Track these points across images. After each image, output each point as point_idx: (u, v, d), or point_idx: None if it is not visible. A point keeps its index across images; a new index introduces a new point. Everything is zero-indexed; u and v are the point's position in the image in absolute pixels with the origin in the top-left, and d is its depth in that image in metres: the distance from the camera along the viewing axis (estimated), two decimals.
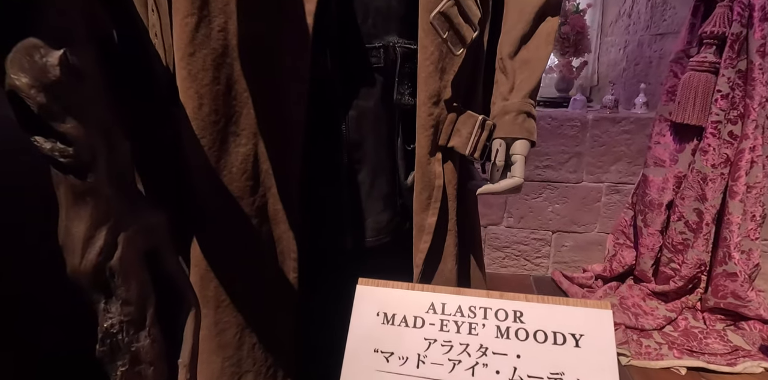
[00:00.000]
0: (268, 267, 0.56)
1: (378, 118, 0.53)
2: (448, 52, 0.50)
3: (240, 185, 0.51)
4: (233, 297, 0.56)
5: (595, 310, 0.35)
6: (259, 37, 0.46)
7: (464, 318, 0.39)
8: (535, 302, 0.38)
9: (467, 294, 0.40)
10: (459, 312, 0.39)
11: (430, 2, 0.48)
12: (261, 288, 0.56)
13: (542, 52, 0.63)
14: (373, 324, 0.39)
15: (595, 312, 0.35)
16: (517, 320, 0.38)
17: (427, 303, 0.40)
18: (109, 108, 0.29)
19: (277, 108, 0.49)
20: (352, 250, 0.58)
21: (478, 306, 0.39)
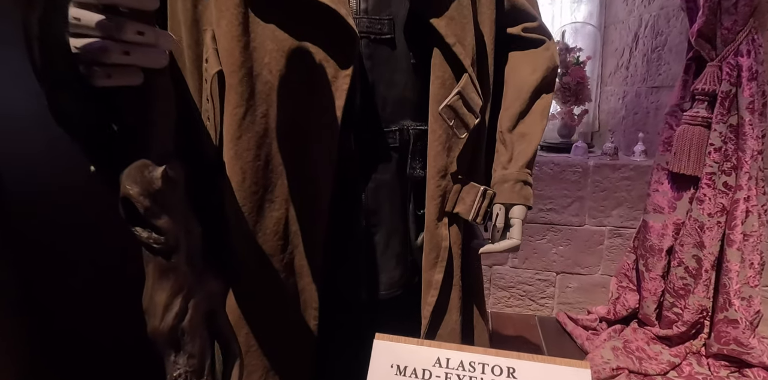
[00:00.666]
0: (292, 315, 0.63)
1: (393, 188, 0.61)
2: (453, 135, 0.59)
3: (272, 245, 0.59)
4: (261, 343, 0.63)
5: (574, 369, 0.42)
6: (295, 122, 0.56)
7: (466, 372, 0.45)
8: (526, 359, 0.45)
9: (468, 350, 0.46)
10: (461, 367, 0.46)
11: (439, 95, 0.58)
12: (285, 334, 0.63)
13: (537, 127, 0.72)
14: (387, 375, 0.46)
15: (574, 371, 0.42)
16: (510, 375, 0.44)
17: (434, 358, 0.46)
18: (188, 202, 0.38)
19: (306, 179, 0.58)
20: (367, 301, 0.65)
21: (477, 361, 0.45)
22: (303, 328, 0.63)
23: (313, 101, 0.54)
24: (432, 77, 0.58)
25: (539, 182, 1.73)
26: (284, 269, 0.60)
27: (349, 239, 0.62)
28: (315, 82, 0.53)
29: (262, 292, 0.61)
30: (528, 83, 0.72)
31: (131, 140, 0.34)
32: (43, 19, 0.27)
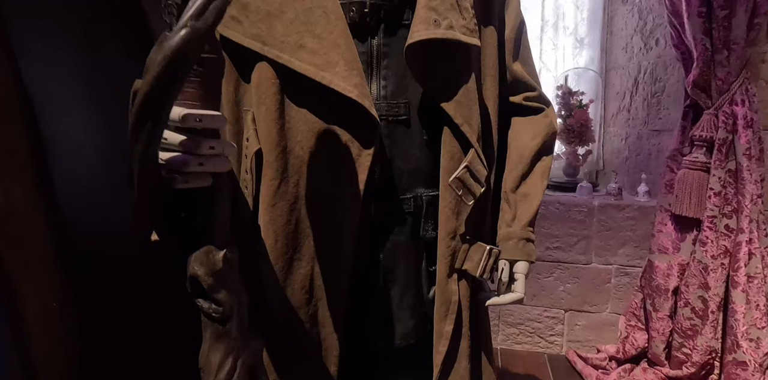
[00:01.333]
0: (315, 361, 0.69)
1: (407, 248, 0.68)
2: (461, 202, 0.67)
3: (299, 298, 0.66)
4: None
5: None
6: (322, 192, 0.64)
7: None
8: None
9: None
10: None
11: (449, 167, 0.66)
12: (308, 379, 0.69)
13: (538, 187, 0.79)
14: None
15: None
16: None
17: None
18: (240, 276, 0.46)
19: (331, 240, 0.65)
20: (384, 349, 0.71)
21: None
22: (325, 373, 0.69)
23: (339, 175, 0.62)
24: (443, 151, 0.66)
25: (546, 220, 1.78)
26: (309, 320, 0.67)
27: (368, 293, 0.69)
28: (341, 159, 0.62)
29: (288, 340, 0.67)
30: (529, 148, 0.80)
31: (199, 231, 0.42)
32: (145, 146, 0.36)
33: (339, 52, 0.58)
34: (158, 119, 0.35)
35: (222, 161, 0.42)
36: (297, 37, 0.59)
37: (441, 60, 0.63)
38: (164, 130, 0.39)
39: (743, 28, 1.43)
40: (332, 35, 0.58)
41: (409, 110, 0.66)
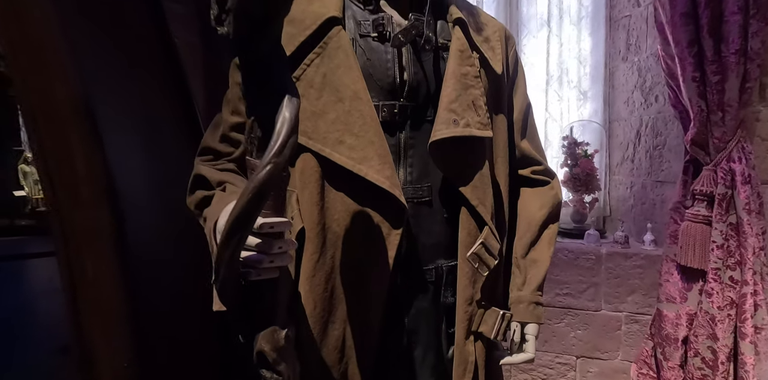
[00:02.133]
0: None
1: (429, 313, 0.77)
2: (477, 273, 0.76)
3: (333, 357, 0.74)
4: None
5: None
6: (355, 264, 0.73)
7: None
8: None
9: None
10: None
11: (466, 242, 0.75)
12: None
13: (546, 254, 0.88)
14: None
15: None
16: None
17: None
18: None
19: (361, 306, 0.74)
20: None
21: None
22: None
23: (371, 250, 0.72)
24: (460, 228, 0.76)
25: (555, 267, 1.84)
26: (341, 377, 0.75)
27: (394, 353, 0.76)
28: (373, 236, 0.72)
29: None
30: (537, 218, 0.89)
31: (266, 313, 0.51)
32: (233, 251, 0.46)
33: (373, 149, 0.69)
34: (245, 231, 0.45)
35: (287, 258, 0.52)
36: (338, 134, 0.70)
37: (459, 151, 0.74)
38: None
39: (736, 91, 1.54)
40: (368, 134, 0.70)
41: (432, 193, 0.76)
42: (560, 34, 2.35)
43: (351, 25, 0.75)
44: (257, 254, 0.50)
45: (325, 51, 0.72)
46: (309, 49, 0.72)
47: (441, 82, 0.75)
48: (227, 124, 0.80)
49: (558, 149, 2.21)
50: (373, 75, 0.73)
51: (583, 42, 2.33)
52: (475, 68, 0.76)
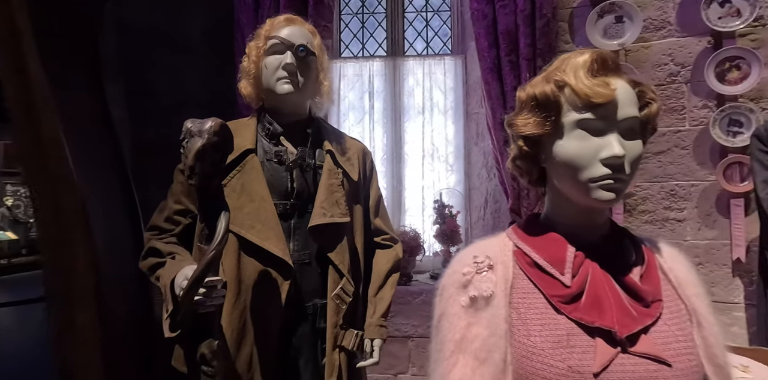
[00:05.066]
0: None
1: (309, 335, 1.19)
2: (339, 306, 1.21)
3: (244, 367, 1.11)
4: None
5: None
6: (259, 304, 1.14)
7: None
8: None
9: None
10: None
11: (332, 288, 1.20)
12: None
13: (389, 293, 1.36)
14: None
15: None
16: None
17: None
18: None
19: (263, 332, 1.14)
20: None
21: None
22: None
23: (270, 295, 1.14)
24: (329, 279, 1.21)
25: (426, 305, 2.35)
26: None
27: (287, 363, 1.17)
28: (271, 286, 1.14)
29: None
30: (384, 269, 1.38)
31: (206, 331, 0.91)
32: (192, 296, 0.86)
33: (273, 232, 1.14)
34: (200, 285, 0.87)
35: (221, 299, 0.93)
36: (250, 222, 1.14)
37: (327, 231, 1.22)
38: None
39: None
40: (270, 222, 1.15)
41: (310, 257, 1.22)
42: (432, 121, 3.05)
43: (261, 152, 1.22)
44: (203, 298, 0.90)
45: (244, 169, 1.18)
46: (233, 167, 1.17)
47: (317, 189, 1.23)
48: (171, 210, 1.20)
49: (431, 210, 2.82)
50: (274, 185, 1.19)
51: (448, 128, 3.04)
52: (339, 180, 1.26)
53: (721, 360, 0.65)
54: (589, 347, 0.62)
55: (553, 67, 0.69)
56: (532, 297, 0.67)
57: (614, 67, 0.66)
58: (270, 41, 1.18)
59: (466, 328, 0.66)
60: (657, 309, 0.65)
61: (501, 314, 0.65)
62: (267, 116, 1.24)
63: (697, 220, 2.14)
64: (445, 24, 3.06)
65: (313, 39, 1.24)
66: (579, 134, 0.64)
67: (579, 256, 0.68)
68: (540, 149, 0.70)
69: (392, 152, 2.98)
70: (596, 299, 0.64)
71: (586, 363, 0.60)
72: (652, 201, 2.22)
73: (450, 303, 0.69)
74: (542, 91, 0.66)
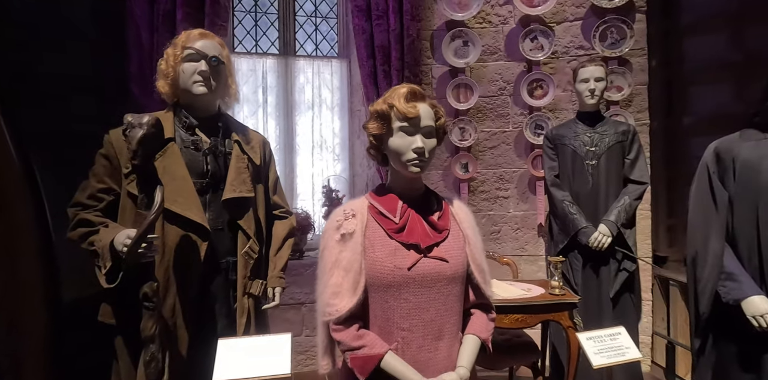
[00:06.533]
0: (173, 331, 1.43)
1: (223, 285, 1.52)
2: (247, 262, 1.56)
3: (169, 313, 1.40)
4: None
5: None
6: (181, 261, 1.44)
7: None
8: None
9: None
10: None
11: (241, 247, 1.55)
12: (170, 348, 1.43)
13: (286, 253, 1.74)
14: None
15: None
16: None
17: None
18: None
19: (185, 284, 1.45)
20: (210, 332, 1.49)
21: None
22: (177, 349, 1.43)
23: (190, 254, 1.45)
24: (238, 240, 1.55)
25: None
26: (174, 324, 1.42)
27: (204, 309, 1.49)
28: (192, 247, 1.45)
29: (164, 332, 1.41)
30: (281, 235, 1.75)
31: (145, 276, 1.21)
32: (137, 248, 1.16)
33: (194, 204, 1.45)
34: (142, 240, 1.16)
35: (157, 251, 1.22)
36: (173, 196, 1.43)
37: (236, 203, 1.55)
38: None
39: None
40: (190, 196, 1.45)
41: (223, 224, 1.54)
42: (320, 115, 3.43)
43: (179, 141, 1.50)
44: (144, 250, 1.19)
45: (165, 154, 1.45)
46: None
47: (227, 171, 1.55)
48: (94, 188, 1.43)
49: (320, 194, 3.23)
50: (192, 167, 1.48)
51: (335, 122, 3.46)
52: (245, 164, 1.60)
53: (479, 262, 1.18)
54: (406, 255, 1.09)
55: (387, 94, 1.15)
56: (377, 231, 1.12)
57: (420, 96, 1.13)
58: (186, 50, 1.46)
59: (338, 253, 1.09)
60: (445, 234, 1.15)
61: (359, 242, 1.09)
62: (183, 111, 1.52)
63: (516, 197, 2.89)
64: (333, 30, 3.46)
65: (222, 50, 1.54)
66: (400, 135, 1.10)
67: (404, 206, 1.15)
68: (381, 143, 1.15)
69: (285, 142, 3.31)
70: (411, 229, 1.12)
71: (404, 264, 1.08)
72: (487, 184, 2.92)
73: (328, 239, 1.12)
74: (381, 108, 1.12)
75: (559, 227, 2.39)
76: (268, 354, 1.31)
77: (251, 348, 1.31)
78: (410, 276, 1.07)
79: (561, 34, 2.83)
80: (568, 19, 2.81)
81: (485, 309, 1.22)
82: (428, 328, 1.09)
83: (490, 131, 2.92)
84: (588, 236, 2.26)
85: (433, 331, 1.09)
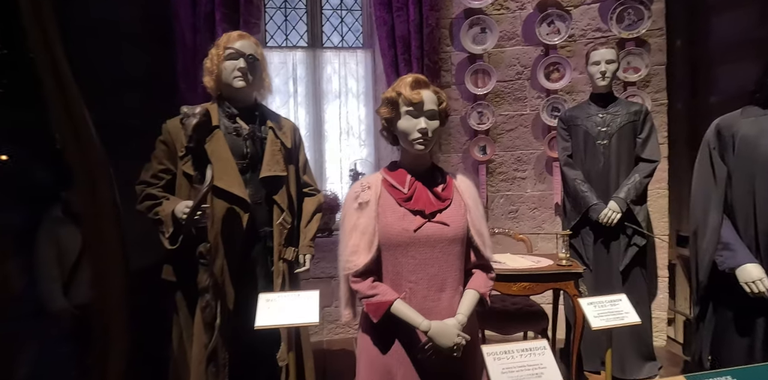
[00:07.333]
0: (221, 297, 1.71)
1: (262, 251, 1.78)
2: (281, 231, 1.81)
3: (218, 272, 1.68)
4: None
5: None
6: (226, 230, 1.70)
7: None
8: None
9: None
10: None
11: (276, 218, 1.80)
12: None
13: (314, 226, 1.98)
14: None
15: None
16: None
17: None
18: None
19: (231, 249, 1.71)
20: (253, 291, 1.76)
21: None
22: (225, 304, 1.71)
23: (233, 224, 1.71)
24: (274, 213, 1.81)
25: None
26: (223, 283, 1.70)
27: (247, 270, 1.76)
28: (235, 217, 1.71)
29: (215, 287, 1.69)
30: (311, 210, 1.99)
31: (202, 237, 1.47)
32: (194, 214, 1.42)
33: (236, 181, 1.70)
34: (198, 209, 1.42)
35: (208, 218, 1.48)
36: (219, 174, 1.68)
37: (273, 181, 1.80)
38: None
39: None
40: (233, 175, 1.70)
41: (261, 199, 1.79)
42: (347, 104, 3.65)
43: (223, 128, 1.75)
44: (199, 218, 1.45)
45: (212, 139, 1.71)
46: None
47: (263, 153, 1.80)
48: (156, 169, 1.71)
49: (347, 177, 3.46)
50: (234, 150, 1.74)
51: (360, 110, 3.67)
52: (278, 147, 1.84)
53: (479, 227, 1.37)
54: (413, 220, 1.29)
55: (396, 83, 1.34)
56: (389, 200, 1.33)
57: (424, 84, 1.32)
58: (227, 50, 1.70)
59: (356, 219, 1.31)
60: (447, 202, 1.35)
61: (373, 209, 1.30)
62: (226, 102, 1.77)
63: (534, 178, 3.02)
64: (357, 21, 3.64)
65: (257, 49, 1.77)
66: (407, 118, 1.29)
67: (412, 179, 1.35)
68: (392, 125, 1.35)
69: (314, 129, 3.55)
70: (418, 198, 1.32)
71: (411, 227, 1.28)
72: (505, 165, 3.06)
73: (348, 207, 1.34)
74: (390, 95, 1.31)
75: (572, 204, 2.52)
76: (299, 306, 1.55)
77: (286, 301, 1.56)
78: (416, 237, 1.28)
79: (578, 17, 2.89)
80: (586, 2, 2.87)
81: (485, 269, 1.41)
82: (432, 281, 1.29)
83: (508, 115, 3.04)
84: (598, 212, 2.39)
85: (436, 284, 1.30)
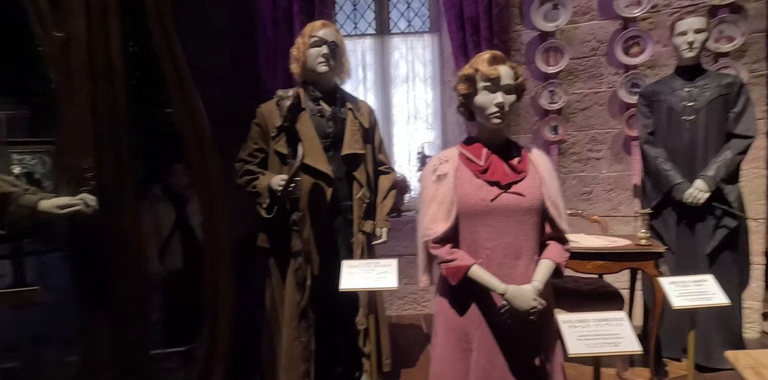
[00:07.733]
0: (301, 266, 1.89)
1: (343, 223, 1.94)
2: (361, 206, 1.95)
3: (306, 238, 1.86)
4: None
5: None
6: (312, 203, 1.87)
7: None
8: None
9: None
10: None
11: (356, 193, 1.94)
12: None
13: (390, 202, 2.10)
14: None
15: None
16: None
17: None
18: None
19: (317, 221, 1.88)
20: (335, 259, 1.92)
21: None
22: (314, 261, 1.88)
23: (318, 197, 1.88)
24: (354, 187, 1.95)
25: None
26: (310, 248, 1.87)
27: (330, 240, 1.92)
28: (320, 191, 1.87)
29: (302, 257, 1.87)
30: (386, 186, 2.12)
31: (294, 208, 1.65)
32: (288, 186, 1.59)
33: (321, 158, 1.86)
34: (292, 181, 1.59)
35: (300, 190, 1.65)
36: (307, 152, 1.85)
37: (353, 158, 1.94)
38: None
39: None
40: (318, 152, 1.86)
41: (342, 175, 1.94)
42: (414, 88, 3.72)
43: (308, 110, 1.91)
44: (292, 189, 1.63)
45: (300, 120, 1.88)
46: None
47: (344, 133, 1.94)
48: (252, 148, 1.91)
49: (415, 159, 3.55)
50: (318, 130, 1.89)
51: (428, 94, 3.72)
52: (357, 127, 1.97)
53: (554, 199, 1.40)
54: (489, 190, 1.36)
55: (473, 60, 1.40)
56: (465, 172, 1.40)
57: (501, 59, 1.36)
58: (312, 38, 1.84)
59: (435, 190, 1.40)
60: (522, 175, 1.39)
61: (451, 180, 1.39)
62: (310, 86, 1.93)
63: (610, 158, 2.92)
64: (424, 6, 3.68)
65: (337, 36, 1.90)
66: (484, 93, 1.35)
67: (488, 152, 1.41)
68: (468, 101, 1.41)
69: (383, 114, 3.66)
70: (494, 170, 1.38)
71: (488, 197, 1.35)
72: (578, 145, 2.98)
73: (426, 179, 1.43)
74: (468, 72, 1.37)
75: (652, 184, 2.42)
76: (379, 273, 1.68)
77: (367, 268, 1.70)
78: (492, 206, 1.34)
79: None
80: None
81: (561, 241, 1.45)
82: (508, 249, 1.35)
83: (582, 93, 2.95)
84: (682, 192, 2.28)
85: (512, 252, 1.36)
